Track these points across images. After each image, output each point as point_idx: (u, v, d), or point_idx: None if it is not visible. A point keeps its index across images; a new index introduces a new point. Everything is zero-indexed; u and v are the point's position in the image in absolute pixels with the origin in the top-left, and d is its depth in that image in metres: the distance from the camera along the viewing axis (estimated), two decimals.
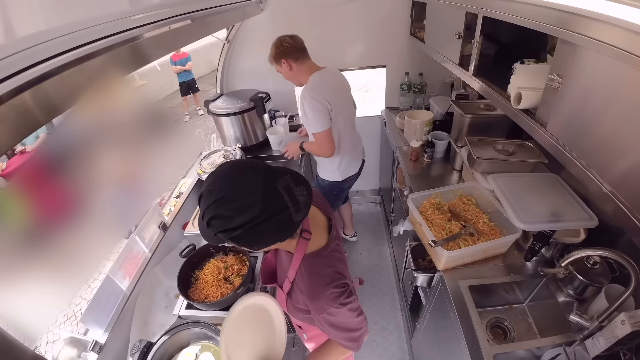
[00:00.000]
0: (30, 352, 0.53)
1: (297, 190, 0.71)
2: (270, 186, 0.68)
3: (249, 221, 0.66)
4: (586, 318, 0.96)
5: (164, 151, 5.29)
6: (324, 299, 0.81)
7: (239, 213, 0.66)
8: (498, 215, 1.32)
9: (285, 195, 0.69)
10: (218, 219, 0.68)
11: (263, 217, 0.67)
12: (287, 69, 1.66)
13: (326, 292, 0.81)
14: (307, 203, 0.74)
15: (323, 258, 0.86)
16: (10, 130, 0.42)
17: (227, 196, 0.67)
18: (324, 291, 0.81)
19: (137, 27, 0.70)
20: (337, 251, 0.91)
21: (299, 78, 1.71)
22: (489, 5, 1.07)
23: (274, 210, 0.68)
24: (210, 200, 0.68)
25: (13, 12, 0.42)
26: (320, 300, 0.81)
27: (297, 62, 1.65)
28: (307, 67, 1.69)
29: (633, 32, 0.55)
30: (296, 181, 0.73)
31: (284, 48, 1.62)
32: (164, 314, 1.33)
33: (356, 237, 2.85)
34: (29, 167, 3.76)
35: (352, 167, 1.96)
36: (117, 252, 1.84)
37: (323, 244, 0.88)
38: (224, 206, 0.67)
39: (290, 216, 0.70)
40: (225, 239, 0.71)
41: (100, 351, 1.10)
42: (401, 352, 2.05)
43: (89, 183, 4.16)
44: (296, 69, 1.67)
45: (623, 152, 0.63)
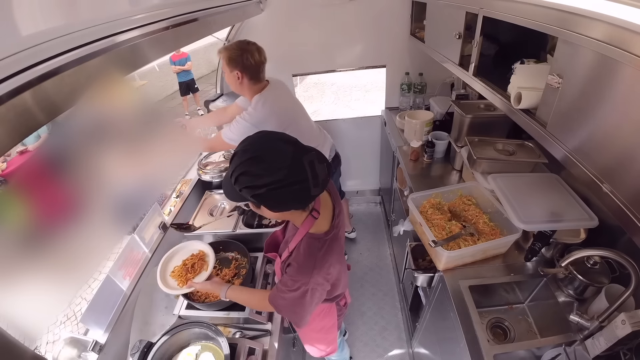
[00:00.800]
0: (30, 352, 0.53)
1: (319, 167, 0.80)
2: (297, 157, 0.77)
3: (273, 182, 0.75)
4: (586, 318, 0.96)
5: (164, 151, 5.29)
6: (306, 276, 0.91)
7: (267, 173, 0.75)
8: (498, 215, 1.32)
9: (308, 169, 0.78)
10: (247, 175, 0.76)
11: (286, 182, 0.76)
12: (235, 78, 1.56)
13: (311, 272, 0.91)
14: (325, 180, 0.82)
15: (322, 243, 0.95)
16: (10, 130, 0.42)
17: (260, 157, 0.76)
18: (311, 270, 0.92)
19: (137, 27, 0.70)
20: (336, 239, 0.99)
21: (240, 91, 1.64)
22: (489, 5, 1.07)
23: (296, 178, 0.77)
24: (244, 157, 0.77)
25: (13, 12, 0.42)
26: (302, 274, 0.92)
27: (250, 82, 1.58)
28: (257, 87, 1.62)
29: (633, 32, 0.55)
30: (319, 159, 0.81)
31: (246, 62, 1.51)
32: (164, 314, 1.33)
33: (355, 233, 2.86)
34: (29, 167, 3.76)
35: None
36: (117, 252, 1.84)
37: (325, 230, 0.96)
38: (255, 165, 0.76)
39: (309, 188, 0.79)
40: (248, 195, 0.79)
41: (100, 351, 1.10)
42: (401, 352, 2.04)
43: (89, 183, 4.16)
44: (246, 85, 1.58)
45: (623, 152, 0.63)
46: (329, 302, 1.20)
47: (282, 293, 0.96)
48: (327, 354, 1.47)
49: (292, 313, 0.99)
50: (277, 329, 1.25)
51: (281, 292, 0.96)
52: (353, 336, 2.15)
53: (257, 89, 1.63)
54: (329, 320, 1.29)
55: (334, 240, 0.98)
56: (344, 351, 1.74)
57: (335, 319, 1.31)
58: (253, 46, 1.54)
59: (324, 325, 1.29)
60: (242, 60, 1.51)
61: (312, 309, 0.99)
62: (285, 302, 0.96)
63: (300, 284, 0.91)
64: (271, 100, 1.60)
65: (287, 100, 1.76)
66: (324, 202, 1.00)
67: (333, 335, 1.38)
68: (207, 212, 1.76)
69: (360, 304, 2.35)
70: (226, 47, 1.55)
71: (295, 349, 1.63)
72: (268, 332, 1.24)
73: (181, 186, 1.97)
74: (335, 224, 0.99)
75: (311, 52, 2.42)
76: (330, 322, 1.30)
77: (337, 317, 1.31)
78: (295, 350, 1.64)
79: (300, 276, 0.92)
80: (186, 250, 1.39)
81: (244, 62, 1.51)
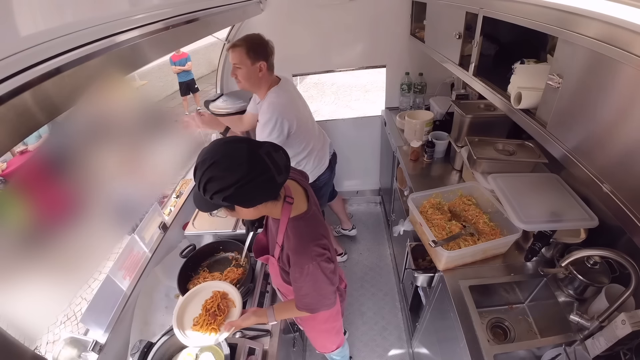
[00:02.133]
0: (30, 352, 0.53)
1: (276, 155, 0.83)
2: (253, 152, 0.81)
3: (238, 180, 0.78)
4: (586, 318, 0.96)
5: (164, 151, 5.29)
6: (306, 255, 0.93)
7: (229, 172, 0.78)
8: (498, 215, 1.32)
9: (267, 159, 0.81)
10: (212, 181, 0.78)
11: (250, 177, 0.79)
12: (256, 71, 1.53)
13: (308, 248, 0.93)
14: (287, 166, 0.86)
15: (305, 220, 0.98)
16: (10, 130, 0.42)
17: (218, 160, 0.79)
18: (306, 247, 0.94)
19: (137, 27, 0.70)
20: (317, 215, 1.04)
21: (257, 85, 1.61)
22: (489, 5, 1.07)
23: (258, 171, 0.80)
24: (205, 166, 0.78)
25: (13, 12, 0.42)
26: (301, 255, 0.94)
27: (269, 72, 1.57)
28: (272, 79, 1.63)
29: (633, 32, 0.55)
30: (274, 148, 0.85)
31: (269, 51, 1.51)
32: (164, 314, 1.33)
33: (355, 230, 2.84)
34: (29, 167, 3.76)
35: (319, 167, 1.95)
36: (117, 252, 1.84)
37: (304, 209, 1.00)
38: (216, 168, 0.78)
39: (273, 177, 0.82)
40: (219, 200, 0.81)
41: (100, 351, 1.10)
42: (401, 352, 2.04)
43: (89, 183, 4.16)
44: (264, 77, 1.57)
45: (623, 152, 0.63)
46: None
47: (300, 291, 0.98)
48: (338, 345, 1.48)
49: (321, 298, 1.00)
50: (277, 329, 1.25)
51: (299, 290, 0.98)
52: (353, 336, 2.15)
53: (272, 81, 1.63)
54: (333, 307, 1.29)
55: (316, 214, 1.02)
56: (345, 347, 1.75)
57: (339, 305, 1.32)
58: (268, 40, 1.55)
59: (330, 313, 1.29)
60: (266, 49, 1.51)
61: (334, 281, 0.99)
62: (310, 297, 0.98)
63: (307, 265, 0.93)
64: (287, 91, 1.64)
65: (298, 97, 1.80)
66: (294, 188, 1.03)
67: (339, 323, 1.40)
68: None
69: (360, 304, 2.35)
70: (244, 39, 1.51)
71: (295, 348, 1.63)
72: (268, 332, 1.24)
73: (181, 186, 1.97)
74: (312, 202, 1.03)
75: (311, 52, 2.42)
76: (335, 309, 1.30)
77: (339, 302, 1.31)
78: (295, 350, 1.64)
79: (301, 257, 0.94)
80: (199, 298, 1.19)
81: (267, 52, 1.51)
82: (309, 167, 1.89)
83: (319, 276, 0.94)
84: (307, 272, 0.93)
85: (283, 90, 1.62)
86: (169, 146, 5.40)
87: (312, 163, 1.88)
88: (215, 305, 1.13)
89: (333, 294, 1.02)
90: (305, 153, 1.81)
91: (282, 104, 1.57)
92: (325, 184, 2.04)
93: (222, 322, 1.09)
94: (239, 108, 2.07)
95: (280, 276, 1.11)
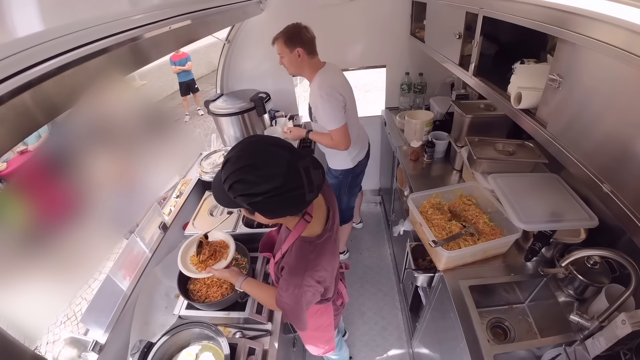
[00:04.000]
0: (30, 352, 0.53)
1: (314, 173, 0.78)
2: (293, 163, 0.75)
3: (270, 190, 0.73)
4: (586, 318, 0.96)
5: (164, 151, 5.29)
6: (297, 278, 0.90)
7: (264, 181, 0.73)
8: (498, 215, 1.32)
9: (304, 175, 0.76)
10: (243, 183, 0.74)
11: (283, 190, 0.74)
12: (295, 56, 1.65)
13: (301, 274, 0.90)
14: (319, 186, 0.81)
15: (313, 246, 0.94)
16: (10, 130, 0.42)
17: (255, 164, 0.73)
18: (301, 273, 0.91)
19: (137, 27, 0.70)
20: (330, 241, 0.98)
21: (302, 69, 1.72)
22: (489, 5, 1.07)
23: (293, 185, 0.75)
24: (239, 165, 0.73)
25: (13, 12, 0.42)
26: (293, 276, 0.91)
27: (309, 56, 1.68)
28: (315, 62, 1.72)
29: (633, 32, 0.55)
30: (314, 165, 0.79)
31: (303, 38, 1.62)
32: (164, 314, 1.33)
33: (362, 224, 3.00)
34: (29, 167, 3.76)
35: (361, 152, 2.04)
36: (117, 252, 1.84)
37: (317, 233, 0.96)
38: (251, 173, 0.73)
39: (304, 194, 0.77)
40: (243, 203, 0.77)
41: (100, 351, 1.10)
42: (401, 352, 2.04)
43: (89, 183, 4.15)
44: (306, 61, 1.68)
45: (623, 152, 0.63)
46: (324, 302, 1.20)
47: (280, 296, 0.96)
48: (325, 352, 1.48)
49: (292, 316, 0.99)
50: (277, 329, 1.25)
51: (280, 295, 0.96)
52: (353, 336, 2.15)
53: (316, 65, 1.72)
54: (325, 319, 1.29)
55: (326, 243, 0.97)
56: (343, 350, 1.74)
57: (332, 319, 1.31)
58: (301, 25, 1.65)
59: (320, 324, 1.30)
60: (300, 36, 1.62)
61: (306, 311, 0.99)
62: (286, 305, 0.96)
63: (293, 287, 0.91)
64: (332, 73, 1.74)
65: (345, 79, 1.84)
66: (318, 206, 0.99)
67: (330, 334, 1.39)
68: (207, 212, 1.76)
69: (360, 304, 2.35)
70: (282, 31, 1.65)
71: (295, 349, 1.63)
72: (268, 332, 1.24)
73: (181, 186, 1.97)
74: (328, 227, 0.98)
75: None
76: (327, 321, 1.30)
77: (333, 316, 1.31)
78: (295, 350, 1.64)
79: (292, 278, 0.92)
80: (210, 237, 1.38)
81: (302, 38, 1.62)
82: (355, 150, 1.96)
83: (297, 302, 0.93)
84: (292, 293, 0.92)
85: (329, 71, 1.74)
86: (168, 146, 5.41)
87: (358, 145, 1.98)
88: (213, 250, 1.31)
89: (302, 320, 1.00)
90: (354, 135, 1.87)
91: (331, 79, 1.71)
92: (362, 171, 2.14)
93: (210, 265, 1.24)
94: (239, 108, 2.07)
95: (275, 276, 1.11)
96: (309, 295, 0.93)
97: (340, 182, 2.07)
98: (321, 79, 1.69)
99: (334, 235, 1.02)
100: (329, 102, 1.63)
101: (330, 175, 2.10)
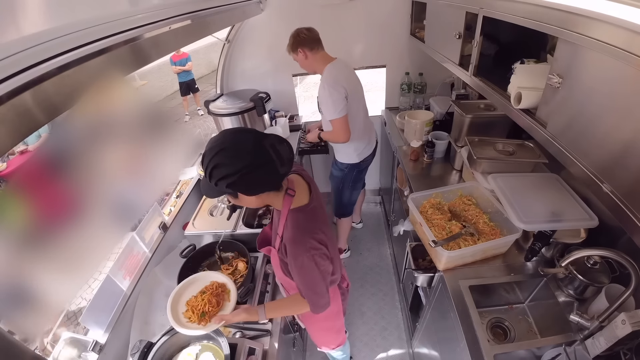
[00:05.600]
0: (30, 352, 0.53)
1: (281, 148, 0.87)
2: (258, 142, 0.85)
3: (242, 168, 0.82)
4: (586, 318, 0.96)
5: (164, 151, 5.29)
6: (301, 245, 0.95)
7: (234, 160, 0.82)
8: (498, 215, 1.32)
9: (271, 151, 0.85)
10: (218, 167, 0.82)
11: (254, 165, 0.83)
12: (302, 57, 1.79)
13: (303, 240, 0.96)
14: (290, 159, 0.90)
15: (305, 213, 1.01)
16: (10, 130, 0.42)
17: (225, 148, 0.83)
18: (302, 238, 0.96)
19: (137, 27, 0.70)
20: (319, 209, 1.06)
21: (313, 66, 1.84)
22: (489, 5, 1.07)
23: (262, 160, 0.84)
24: (212, 153, 0.83)
25: (13, 12, 0.42)
26: (296, 245, 0.96)
27: (312, 52, 1.78)
28: (320, 56, 1.81)
29: (633, 32, 0.55)
30: (279, 141, 0.89)
31: (300, 38, 1.75)
32: (164, 314, 1.32)
33: (362, 224, 3.00)
34: (29, 167, 3.76)
35: (367, 148, 2.09)
36: (118, 252, 1.84)
37: (305, 202, 1.03)
38: (223, 156, 0.82)
39: (276, 168, 0.86)
40: (224, 186, 0.85)
41: (100, 351, 1.10)
42: (401, 352, 2.04)
43: (89, 183, 4.15)
44: (311, 57, 1.79)
45: (623, 152, 0.63)
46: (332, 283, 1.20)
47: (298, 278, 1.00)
48: (339, 344, 1.51)
49: (313, 295, 1.02)
50: (277, 329, 1.25)
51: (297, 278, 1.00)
52: (353, 336, 2.15)
53: (323, 58, 1.82)
54: (334, 306, 1.29)
55: (316, 210, 1.04)
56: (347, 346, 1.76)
57: (340, 304, 1.33)
58: (302, 28, 1.78)
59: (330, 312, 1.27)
60: (297, 40, 1.76)
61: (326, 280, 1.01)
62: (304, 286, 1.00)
63: (301, 257, 0.95)
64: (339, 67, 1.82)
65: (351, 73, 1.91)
66: (298, 183, 1.06)
67: (340, 322, 1.42)
68: (207, 212, 1.76)
69: (360, 304, 2.35)
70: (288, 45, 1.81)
71: (296, 349, 1.63)
72: (268, 332, 1.24)
73: (181, 186, 1.97)
74: (313, 197, 1.06)
75: None
76: (336, 308, 1.32)
77: (341, 301, 1.33)
78: (295, 350, 1.64)
79: (297, 247, 0.96)
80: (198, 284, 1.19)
81: (300, 40, 1.75)
82: (361, 144, 2.03)
83: (312, 271, 0.95)
84: (301, 264, 0.95)
85: (337, 65, 1.83)
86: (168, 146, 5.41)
87: (365, 140, 2.04)
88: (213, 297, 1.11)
89: (326, 293, 1.02)
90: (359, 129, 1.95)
91: (336, 71, 1.80)
92: (366, 167, 2.19)
93: (214, 314, 1.08)
94: (239, 108, 2.07)
95: (280, 268, 1.12)
96: (319, 259, 0.96)
97: (345, 175, 2.14)
98: (327, 72, 1.79)
99: (321, 204, 1.10)
100: (330, 93, 1.72)
101: (337, 167, 2.16)
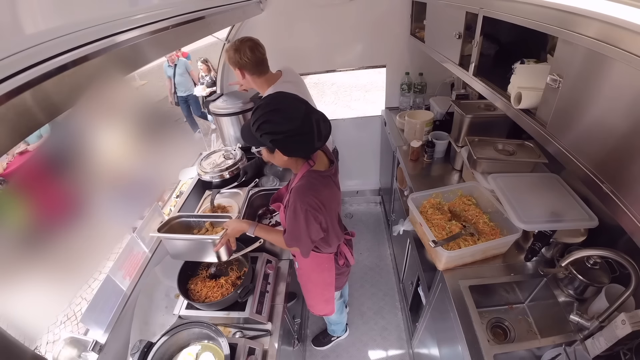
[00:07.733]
0: (30, 352, 0.53)
1: (323, 125, 1.00)
2: (308, 114, 0.96)
3: (290, 130, 0.94)
4: (586, 318, 0.96)
5: (164, 151, 5.29)
6: (302, 196, 1.06)
7: (286, 121, 0.94)
8: (498, 215, 1.32)
9: (315, 125, 0.97)
10: (269, 123, 0.94)
11: (299, 131, 0.95)
12: (240, 76, 1.66)
13: (306, 193, 1.06)
14: (326, 136, 1.02)
15: (319, 175, 1.11)
16: (10, 130, 0.42)
17: (280, 108, 0.95)
18: (306, 191, 1.07)
19: (137, 27, 0.70)
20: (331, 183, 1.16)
21: (253, 87, 1.72)
22: (489, 5, 1.07)
23: (306, 129, 0.96)
24: (267, 109, 0.94)
25: (13, 12, 0.42)
26: (298, 194, 1.07)
27: (253, 76, 1.64)
28: (264, 80, 1.67)
29: (633, 32, 0.55)
30: (324, 119, 1.02)
31: (242, 62, 1.58)
32: (164, 314, 1.33)
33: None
34: (29, 167, 3.76)
35: None
36: (117, 252, 1.84)
37: (323, 169, 1.15)
38: (276, 114, 0.94)
39: (314, 139, 0.98)
40: (267, 140, 0.97)
41: (100, 351, 1.10)
42: (401, 352, 2.04)
43: (88, 183, 4.15)
44: (250, 80, 1.66)
45: (624, 152, 0.63)
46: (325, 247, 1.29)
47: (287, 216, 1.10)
48: (325, 314, 1.59)
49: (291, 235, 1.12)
50: (277, 329, 1.25)
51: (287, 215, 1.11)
52: (353, 336, 2.15)
53: (266, 81, 1.67)
54: (327, 276, 1.38)
55: (329, 181, 1.14)
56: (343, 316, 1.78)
57: (334, 277, 1.39)
58: (246, 44, 1.56)
59: (322, 280, 1.39)
60: (238, 59, 1.58)
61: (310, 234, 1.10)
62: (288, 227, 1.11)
63: (297, 204, 1.05)
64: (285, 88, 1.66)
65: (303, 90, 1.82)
66: (320, 159, 1.17)
67: (330, 294, 1.47)
68: (207, 212, 1.76)
69: (360, 304, 2.35)
70: (226, 49, 1.63)
71: (296, 349, 1.63)
72: (268, 332, 1.24)
73: (181, 186, 1.97)
74: (332, 170, 1.16)
75: (311, 52, 2.42)
76: (329, 279, 1.38)
77: (334, 275, 1.39)
78: (296, 350, 1.64)
79: (297, 196, 1.06)
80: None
81: (239, 61, 1.59)
82: None
83: (299, 219, 1.06)
84: (294, 209, 1.06)
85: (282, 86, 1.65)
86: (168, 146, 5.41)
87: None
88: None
89: (304, 244, 1.13)
90: None
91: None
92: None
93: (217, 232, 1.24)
94: (239, 108, 2.07)
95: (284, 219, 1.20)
96: (310, 216, 1.06)
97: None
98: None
99: (336, 181, 1.21)
100: None
101: None
